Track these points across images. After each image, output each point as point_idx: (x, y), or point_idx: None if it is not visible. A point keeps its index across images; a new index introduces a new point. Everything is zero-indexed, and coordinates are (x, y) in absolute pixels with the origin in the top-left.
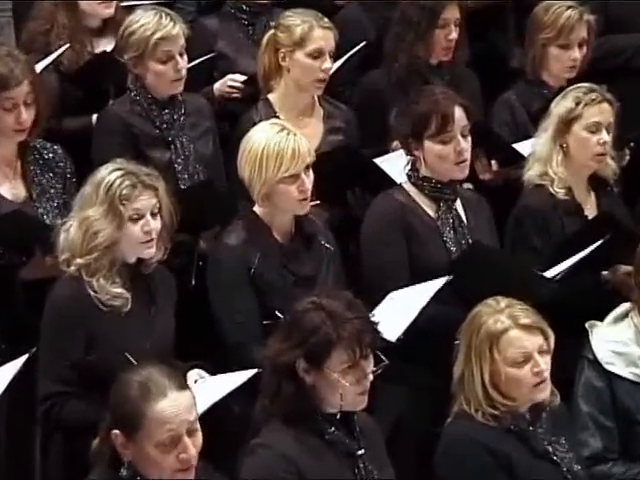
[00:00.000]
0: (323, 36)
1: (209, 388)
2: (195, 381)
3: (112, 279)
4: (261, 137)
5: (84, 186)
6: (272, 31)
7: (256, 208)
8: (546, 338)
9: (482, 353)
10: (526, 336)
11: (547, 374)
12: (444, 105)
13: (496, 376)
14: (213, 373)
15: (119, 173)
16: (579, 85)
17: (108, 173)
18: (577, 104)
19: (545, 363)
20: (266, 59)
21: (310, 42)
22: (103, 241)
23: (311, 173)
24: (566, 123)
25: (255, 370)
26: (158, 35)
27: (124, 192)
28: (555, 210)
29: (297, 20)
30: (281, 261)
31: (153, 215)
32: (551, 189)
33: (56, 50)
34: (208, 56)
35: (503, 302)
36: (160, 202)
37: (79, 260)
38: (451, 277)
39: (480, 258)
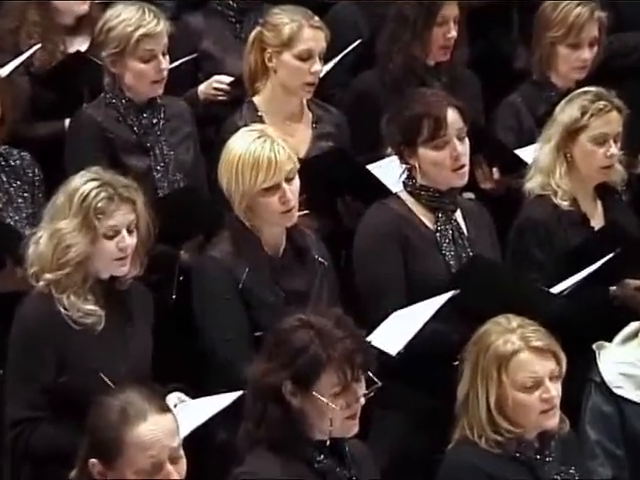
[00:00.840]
0: (313, 36)
1: (190, 412)
2: (175, 405)
3: (84, 296)
4: (237, 145)
5: (56, 195)
6: (258, 29)
7: (244, 218)
8: (558, 363)
9: (489, 375)
10: (537, 360)
11: (557, 401)
12: (435, 107)
13: (503, 400)
14: (194, 396)
15: (95, 184)
16: (586, 90)
17: (83, 183)
18: (583, 114)
19: (556, 389)
20: (252, 59)
21: (299, 43)
22: (75, 256)
23: (296, 181)
24: (571, 133)
25: (239, 392)
26: (140, 32)
27: (100, 205)
28: (559, 221)
29: (285, 18)
30: (271, 276)
31: (129, 231)
32: (554, 199)
33: (26, 50)
34: (191, 56)
35: (514, 321)
36: (137, 216)
37: (48, 275)
38: (456, 292)
39: (481, 272)
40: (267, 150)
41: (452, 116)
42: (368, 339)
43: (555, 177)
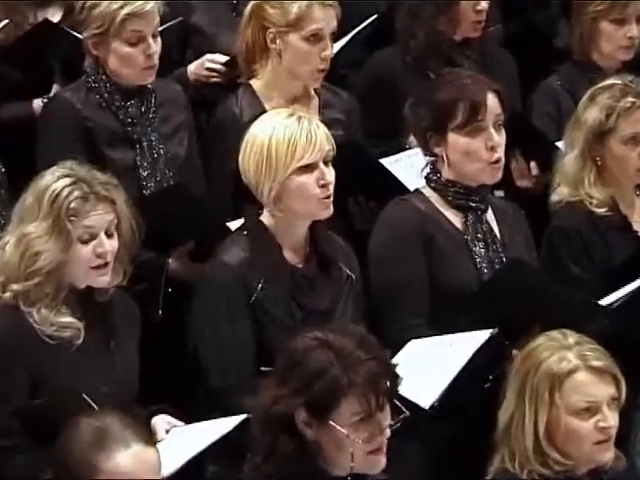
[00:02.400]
0: (324, 16)
1: (186, 438)
2: (167, 431)
3: (57, 308)
4: (267, 126)
5: (25, 194)
6: (257, 2)
7: (264, 217)
8: (618, 388)
9: (540, 396)
10: (596, 382)
11: (614, 432)
12: (473, 91)
13: (554, 426)
14: (186, 421)
15: (67, 181)
16: (610, 83)
17: (54, 180)
18: (608, 115)
19: (614, 419)
20: (249, 35)
21: (308, 23)
22: (45, 264)
23: (332, 169)
24: (598, 136)
25: (244, 416)
26: (127, 10)
27: (73, 205)
28: (596, 229)
29: None
30: (291, 289)
31: (108, 234)
32: (588, 205)
33: None
34: (174, 21)
35: (571, 337)
36: (118, 217)
37: (15, 286)
38: (496, 331)
39: (520, 279)
40: (305, 126)
41: (491, 100)
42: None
43: (584, 186)
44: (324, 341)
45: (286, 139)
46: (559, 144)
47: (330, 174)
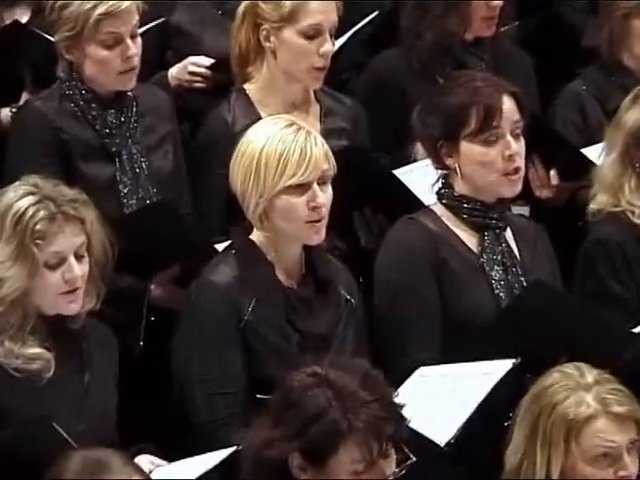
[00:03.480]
0: (322, 8)
1: (170, 477)
2: (150, 471)
3: (22, 340)
4: (260, 134)
5: None
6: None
7: (255, 236)
8: (639, 430)
9: (554, 441)
10: (616, 428)
11: (634, 478)
12: (487, 94)
13: (569, 474)
14: (170, 460)
15: (31, 199)
16: None
17: (17, 198)
18: None
19: (634, 465)
20: (243, 37)
21: (304, 16)
22: (10, 292)
23: (329, 190)
24: (638, 140)
25: (233, 449)
26: (101, 9)
27: (38, 227)
28: (639, 243)
29: None
30: (285, 311)
31: (78, 257)
32: (630, 216)
33: None
34: (155, 22)
35: (589, 375)
36: (89, 237)
37: None
38: (519, 361)
39: (544, 303)
40: (301, 140)
41: (508, 105)
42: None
43: (625, 194)
44: (323, 378)
45: (277, 153)
46: (585, 150)
47: (324, 196)
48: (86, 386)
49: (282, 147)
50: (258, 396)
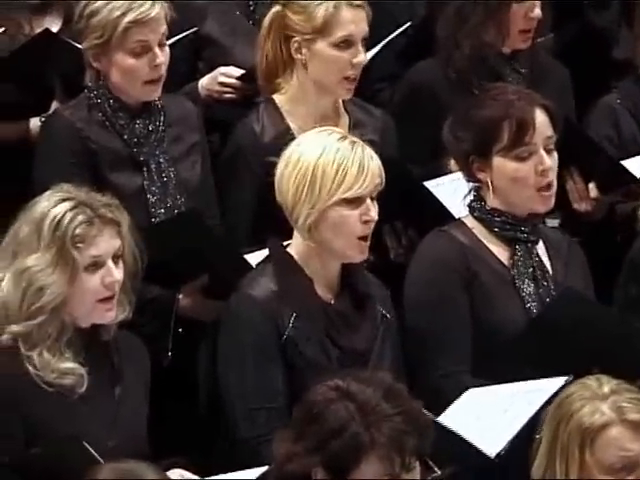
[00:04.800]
0: (353, 18)
1: None
2: None
3: (60, 351)
4: (315, 145)
5: (17, 224)
6: (278, 8)
7: (291, 248)
8: None
9: (570, 451)
10: (632, 437)
11: None
12: (519, 107)
13: None
14: (202, 475)
15: (68, 205)
16: None
17: (53, 205)
18: None
19: None
20: (270, 47)
21: (337, 27)
22: (51, 300)
23: (377, 206)
24: None
25: (264, 468)
26: (130, 17)
27: (78, 231)
28: None
29: None
30: (324, 327)
31: (115, 261)
32: None
33: None
34: (188, 32)
35: (607, 385)
36: (123, 243)
37: (15, 328)
38: (571, 378)
39: (575, 313)
40: (359, 153)
41: (541, 119)
42: (439, 420)
43: None
44: (345, 392)
45: (336, 164)
46: (625, 162)
47: (376, 211)
48: (117, 401)
49: (340, 159)
50: None
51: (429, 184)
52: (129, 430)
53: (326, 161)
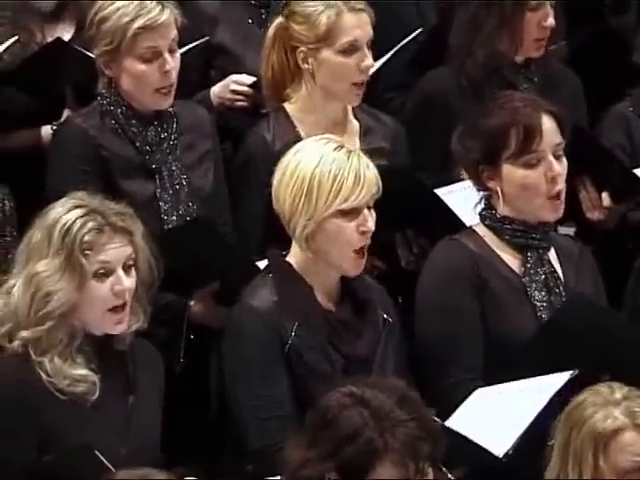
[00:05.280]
0: (357, 23)
1: None
2: None
3: (71, 357)
4: (312, 155)
5: (32, 230)
6: (280, 20)
7: (291, 258)
8: None
9: (583, 457)
10: None
11: None
12: (525, 114)
13: None
14: None
15: (79, 212)
16: None
17: (65, 212)
18: None
19: None
20: (275, 58)
21: (340, 34)
22: (58, 306)
23: (374, 214)
24: None
25: (277, 478)
26: (139, 23)
27: (87, 238)
28: None
29: (317, 5)
30: (327, 335)
31: (126, 270)
32: None
33: None
34: (200, 41)
35: (619, 391)
36: (136, 251)
37: (25, 333)
38: (576, 372)
39: (586, 318)
40: (355, 163)
41: (548, 125)
42: (447, 424)
43: None
44: (359, 398)
45: (332, 175)
46: (638, 171)
47: (373, 221)
48: (130, 409)
49: (336, 169)
50: None
51: (440, 192)
52: (142, 439)
53: (322, 172)
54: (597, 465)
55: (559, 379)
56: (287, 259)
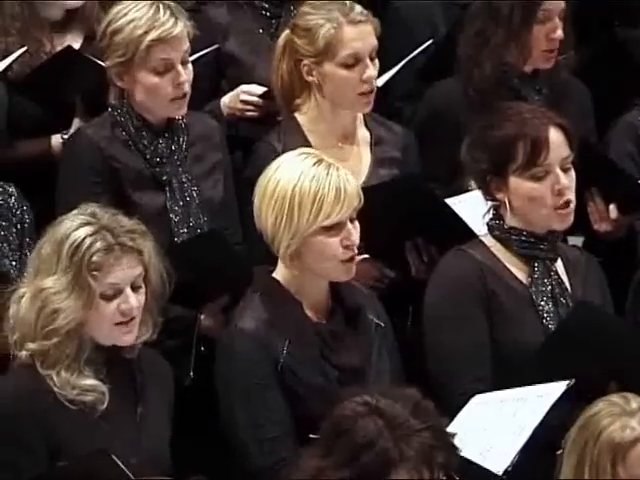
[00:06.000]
0: (357, 35)
1: None
2: None
3: (79, 370)
4: (291, 172)
5: (42, 242)
6: (287, 32)
7: (277, 274)
8: None
9: (601, 468)
10: None
11: None
12: (534, 126)
13: None
14: None
15: (89, 230)
16: None
17: (74, 228)
18: None
19: None
20: (285, 69)
21: (340, 47)
22: (65, 324)
23: (357, 224)
24: None
25: None
26: (153, 35)
27: (95, 259)
28: None
29: (317, 19)
30: (319, 348)
31: (135, 288)
32: None
33: (7, 52)
34: (210, 49)
35: (634, 401)
36: (146, 268)
37: (32, 345)
38: (572, 382)
39: (592, 326)
40: (334, 178)
41: (555, 138)
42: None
43: None
44: (374, 407)
45: (312, 192)
46: None
47: (356, 233)
48: (139, 419)
49: (316, 186)
50: (312, 436)
51: (451, 201)
52: (151, 448)
53: (302, 190)
54: (616, 475)
55: (556, 389)
56: (274, 275)
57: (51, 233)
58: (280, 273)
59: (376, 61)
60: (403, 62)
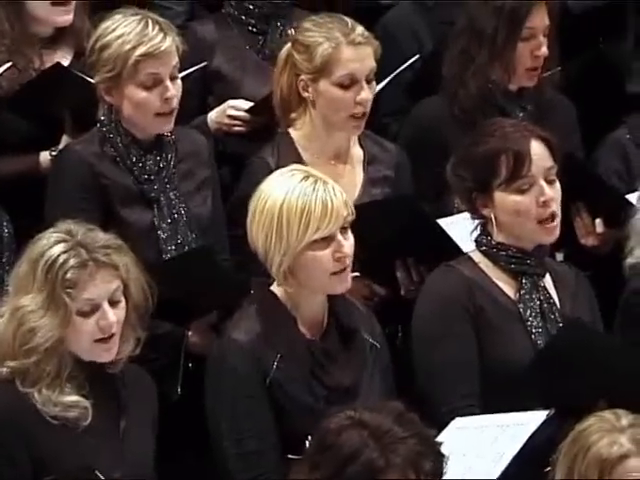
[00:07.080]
0: (355, 56)
1: None
2: None
3: (60, 387)
4: (278, 190)
5: (20, 261)
6: (288, 45)
7: (275, 287)
8: None
9: None
10: None
11: None
12: (515, 140)
13: None
14: None
15: (63, 247)
16: None
17: (49, 246)
18: None
19: None
20: (284, 82)
21: (337, 67)
22: (43, 342)
23: (350, 235)
24: None
25: None
26: (141, 50)
27: (69, 276)
28: None
29: (317, 36)
30: (310, 366)
31: (113, 303)
32: None
33: None
34: (199, 66)
35: (625, 418)
36: (124, 281)
37: (12, 363)
38: (552, 412)
39: (581, 344)
40: (320, 192)
41: (537, 149)
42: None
43: None
44: (357, 420)
45: (299, 209)
46: (631, 197)
47: (348, 245)
48: (122, 433)
49: (302, 202)
50: (290, 456)
51: (442, 222)
52: (135, 463)
53: (289, 207)
54: None
55: (536, 418)
56: (272, 288)
57: (28, 251)
58: (278, 287)
59: (373, 84)
60: (390, 78)
